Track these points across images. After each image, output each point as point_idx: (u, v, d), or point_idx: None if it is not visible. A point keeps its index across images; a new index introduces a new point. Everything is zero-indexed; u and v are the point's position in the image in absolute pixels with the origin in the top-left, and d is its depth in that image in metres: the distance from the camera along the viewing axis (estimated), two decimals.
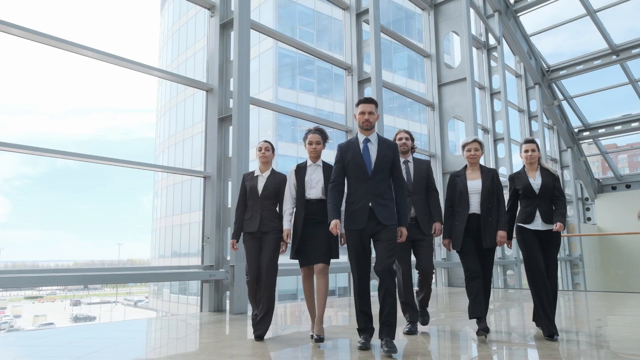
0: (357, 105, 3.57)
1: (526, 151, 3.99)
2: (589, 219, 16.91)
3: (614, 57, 13.05)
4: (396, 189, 3.47)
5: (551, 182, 3.90)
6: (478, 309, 3.77)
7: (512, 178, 4.06)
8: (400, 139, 4.19)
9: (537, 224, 3.85)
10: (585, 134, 15.80)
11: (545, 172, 3.94)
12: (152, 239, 36.66)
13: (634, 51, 12.75)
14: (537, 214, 3.85)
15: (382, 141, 3.52)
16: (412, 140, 4.24)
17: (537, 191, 3.87)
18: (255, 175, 4.03)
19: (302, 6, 28.11)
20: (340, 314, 5.63)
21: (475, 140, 4.02)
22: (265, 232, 3.86)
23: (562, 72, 14.20)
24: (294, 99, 27.05)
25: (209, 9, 6.31)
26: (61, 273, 4.52)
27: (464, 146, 4.06)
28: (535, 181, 3.90)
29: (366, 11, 8.12)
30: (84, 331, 4.33)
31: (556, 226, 3.73)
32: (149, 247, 37.94)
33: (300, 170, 3.86)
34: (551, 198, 3.89)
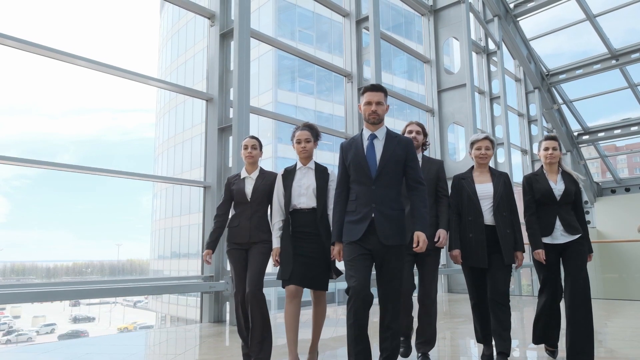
0: (363, 93, 2.90)
1: (546, 149, 3.45)
2: (588, 222, 16.93)
3: (614, 61, 13.06)
4: (413, 193, 2.84)
5: (573, 188, 3.38)
6: (485, 336, 3.40)
7: (530, 180, 3.46)
8: (410, 131, 3.52)
9: (557, 236, 3.32)
10: (585, 137, 15.82)
11: (567, 176, 3.43)
12: (152, 239, 36.70)
13: (634, 56, 12.76)
14: (558, 223, 3.33)
15: (391, 137, 2.88)
16: (425, 135, 3.57)
17: (558, 197, 3.34)
18: (242, 177, 3.51)
19: (302, 9, 28.11)
20: (341, 317, 5.61)
21: (487, 138, 3.43)
22: (254, 242, 3.37)
23: (561, 77, 14.21)
24: (294, 102, 27.06)
25: (209, 18, 6.30)
26: (59, 287, 4.52)
27: (472, 143, 3.47)
28: (557, 186, 3.37)
29: (366, 18, 8.11)
30: (84, 345, 4.33)
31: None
32: (149, 248, 38.00)
33: (289, 174, 3.30)
34: (572, 206, 3.39)
